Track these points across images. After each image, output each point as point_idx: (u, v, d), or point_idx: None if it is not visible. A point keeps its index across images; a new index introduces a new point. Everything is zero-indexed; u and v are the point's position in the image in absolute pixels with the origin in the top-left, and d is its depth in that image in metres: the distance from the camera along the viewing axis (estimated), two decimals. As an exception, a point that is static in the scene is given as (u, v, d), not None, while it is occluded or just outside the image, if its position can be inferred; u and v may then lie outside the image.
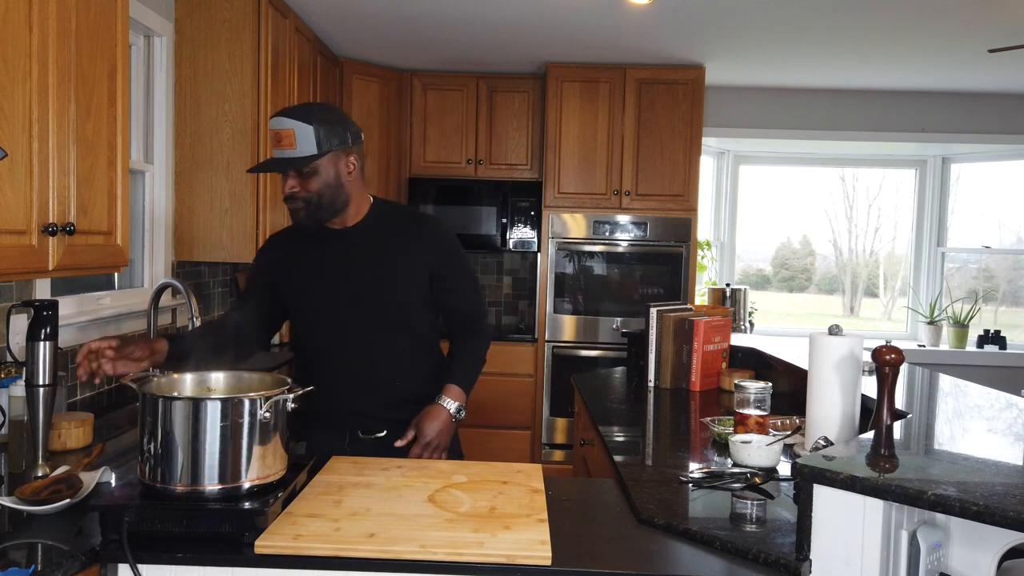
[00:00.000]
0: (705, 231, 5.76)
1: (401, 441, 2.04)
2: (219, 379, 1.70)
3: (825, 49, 4.44)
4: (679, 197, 4.90)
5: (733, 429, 2.16)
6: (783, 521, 1.57)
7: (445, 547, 1.37)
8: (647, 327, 3.14)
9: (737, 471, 1.86)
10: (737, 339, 3.32)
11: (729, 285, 5.21)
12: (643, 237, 4.92)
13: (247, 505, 1.43)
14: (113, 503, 1.42)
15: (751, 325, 5.36)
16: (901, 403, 1.98)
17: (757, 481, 1.79)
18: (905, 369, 2.48)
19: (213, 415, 1.45)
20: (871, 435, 1.68)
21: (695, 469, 1.91)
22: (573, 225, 4.93)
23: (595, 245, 4.94)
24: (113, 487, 1.60)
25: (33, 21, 1.69)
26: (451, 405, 2.08)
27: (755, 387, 2.14)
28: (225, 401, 1.48)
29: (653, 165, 4.89)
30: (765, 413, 2.14)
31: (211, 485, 1.44)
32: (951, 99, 5.44)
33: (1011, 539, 1.30)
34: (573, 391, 3.35)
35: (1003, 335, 5.65)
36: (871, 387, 1.87)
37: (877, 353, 1.78)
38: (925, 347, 5.72)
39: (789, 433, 2.08)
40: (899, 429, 1.73)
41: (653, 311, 3.14)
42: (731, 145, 5.84)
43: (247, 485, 1.47)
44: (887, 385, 1.78)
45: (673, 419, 2.71)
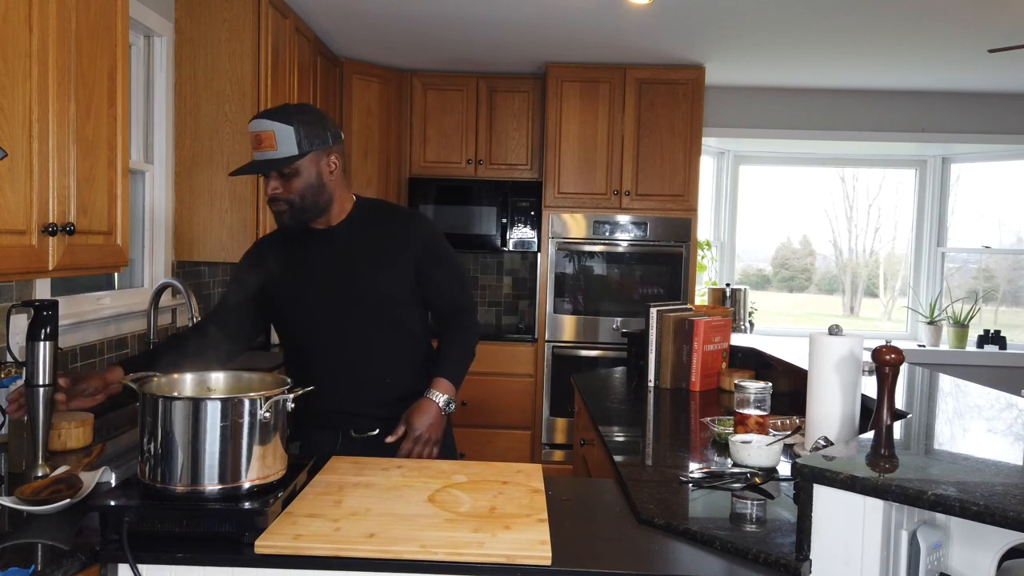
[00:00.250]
0: (705, 231, 5.76)
1: (392, 437, 2.02)
2: (219, 379, 1.70)
3: (825, 49, 4.44)
4: (679, 197, 4.90)
5: (733, 429, 2.16)
6: (783, 521, 1.57)
7: (445, 547, 1.37)
8: (647, 327, 3.14)
9: (737, 471, 1.86)
10: (737, 339, 3.32)
11: (729, 285, 5.21)
12: (643, 237, 4.92)
13: (247, 505, 1.43)
14: (113, 503, 1.42)
15: (751, 325, 5.36)
16: (901, 403, 1.98)
17: (757, 481, 1.79)
18: (905, 369, 2.48)
19: (213, 415, 1.45)
20: (871, 435, 1.68)
21: (695, 469, 1.91)
22: (573, 225, 4.93)
23: (595, 245, 4.94)
24: (113, 487, 1.60)
25: (33, 21, 1.69)
26: (440, 398, 2.06)
27: (755, 387, 2.14)
28: (225, 401, 1.48)
29: (653, 165, 4.89)
30: (765, 413, 2.14)
31: (211, 485, 1.44)
32: (951, 99, 5.44)
33: (1011, 539, 1.30)
34: (573, 391, 3.35)
35: (1003, 335, 5.65)
36: (871, 387, 1.87)
37: (877, 353, 1.78)
38: (925, 347, 5.72)
39: (789, 433, 2.08)
40: (899, 429, 1.73)
41: (653, 311, 3.14)
42: (731, 145, 5.84)
43: (247, 485, 1.47)
44: (887, 385, 1.78)
45: (673, 419, 2.71)
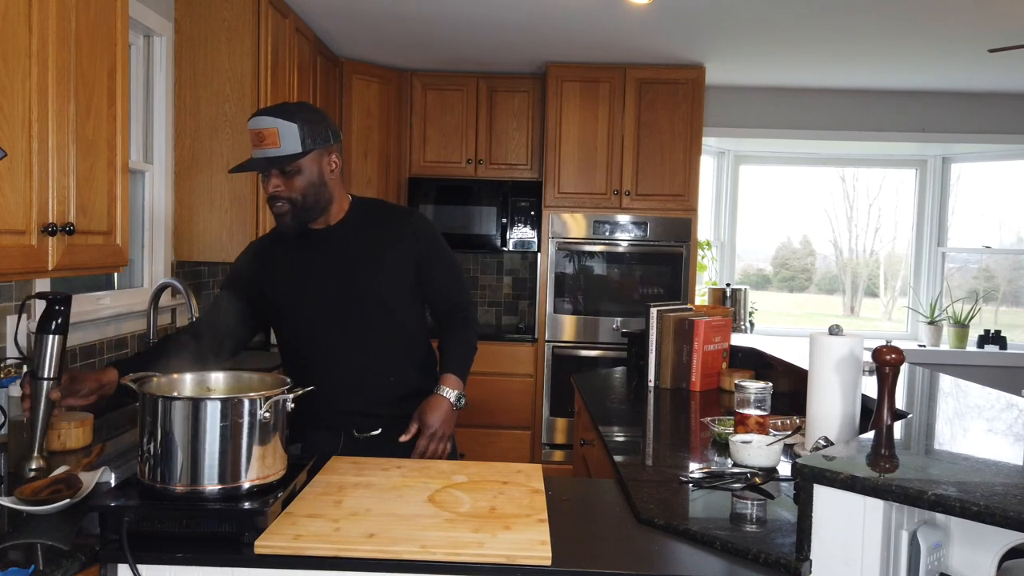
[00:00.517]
0: (705, 231, 5.76)
1: (405, 436, 2.02)
2: (219, 379, 1.70)
3: (825, 49, 4.44)
4: (679, 197, 4.90)
5: (733, 429, 2.16)
6: (783, 521, 1.57)
7: (445, 547, 1.37)
8: (647, 327, 3.14)
9: (737, 471, 1.86)
10: (737, 339, 3.32)
11: (729, 285, 5.21)
12: (643, 237, 4.92)
13: (247, 505, 1.43)
14: (113, 503, 1.42)
15: (751, 325, 5.36)
16: (901, 403, 1.98)
17: (757, 481, 1.79)
18: (905, 369, 2.48)
19: (213, 415, 1.45)
20: (871, 435, 1.68)
21: (695, 469, 1.91)
22: (573, 225, 4.93)
23: (595, 245, 4.94)
24: (113, 487, 1.60)
25: (33, 21, 1.69)
26: (451, 394, 2.06)
27: (755, 387, 2.14)
28: (225, 401, 1.48)
29: (653, 165, 4.89)
30: (765, 413, 2.14)
31: (211, 485, 1.44)
32: (951, 99, 5.44)
33: (1011, 539, 1.30)
34: (573, 391, 3.35)
35: (1003, 335, 5.65)
36: (871, 387, 1.87)
37: (877, 353, 1.78)
38: (925, 347, 5.72)
39: (789, 433, 2.08)
40: (899, 429, 1.73)
41: (653, 311, 3.14)
42: (731, 145, 5.84)
43: (247, 485, 1.47)
44: (887, 385, 1.78)
45: (673, 419, 2.70)
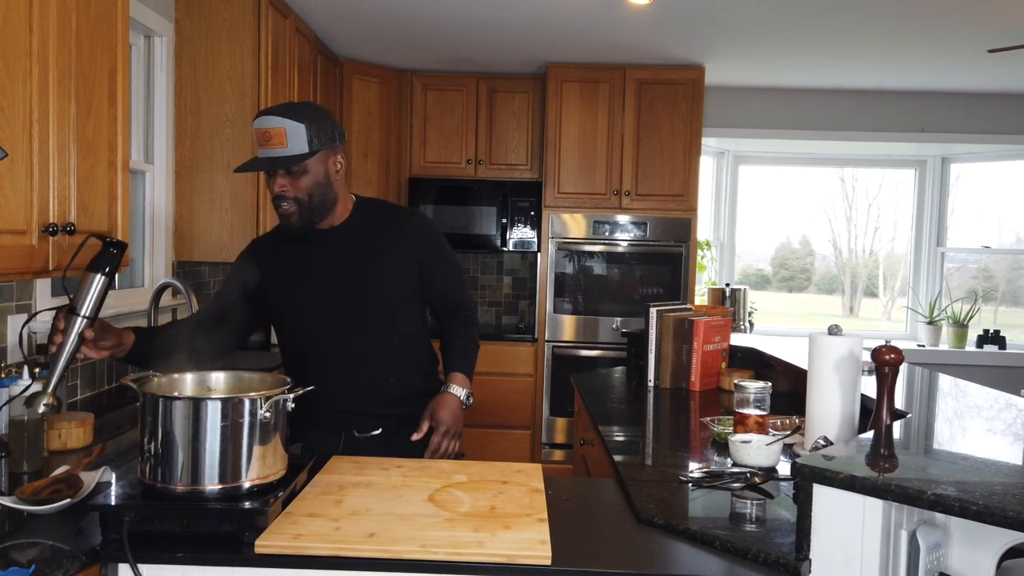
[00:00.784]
0: (705, 231, 5.76)
1: (417, 435, 2.02)
2: (219, 379, 1.70)
3: (825, 49, 4.44)
4: (679, 197, 4.90)
5: (733, 429, 2.17)
6: (783, 521, 1.57)
7: (445, 547, 1.37)
8: (647, 327, 3.14)
9: (737, 471, 1.86)
10: (737, 339, 3.32)
11: (729, 285, 5.21)
12: (643, 237, 4.92)
13: (247, 505, 1.44)
14: (113, 503, 1.42)
15: (751, 325, 5.36)
16: (901, 403, 1.98)
17: (757, 481, 1.79)
18: (905, 369, 2.48)
19: (213, 415, 1.45)
20: (871, 435, 1.68)
21: (695, 469, 1.91)
22: (573, 225, 4.93)
23: (595, 245, 4.94)
24: (113, 487, 1.60)
25: (33, 21, 1.69)
26: (460, 392, 2.10)
27: (755, 387, 2.15)
28: (225, 401, 1.48)
29: (653, 165, 4.89)
30: (765, 413, 2.14)
31: (211, 485, 1.44)
32: (951, 99, 5.44)
33: (1011, 539, 1.30)
34: (573, 391, 3.35)
35: (1003, 335, 5.65)
36: (871, 387, 1.87)
37: (877, 353, 1.78)
38: (925, 347, 5.72)
39: (789, 433, 2.08)
40: (899, 429, 1.73)
41: (653, 311, 3.14)
42: (731, 145, 5.84)
43: (247, 485, 1.47)
44: (887, 385, 1.78)
45: (673, 419, 2.71)
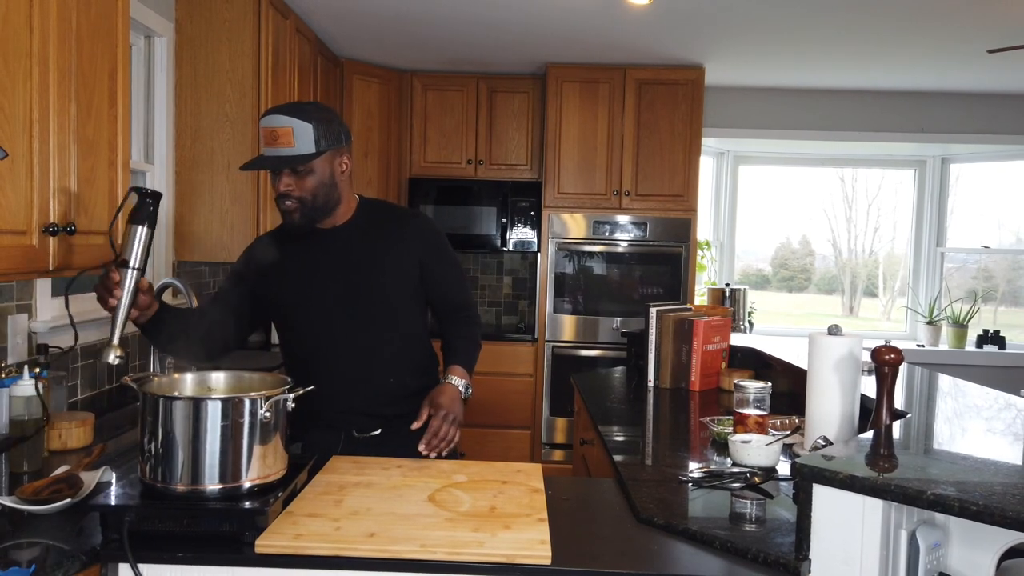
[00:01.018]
0: (705, 231, 5.76)
1: (417, 423, 2.01)
2: (219, 379, 1.70)
3: (825, 49, 4.44)
4: (679, 197, 4.90)
5: (733, 429, 2.17)
6: (782, 521, 1.57)
7: (445, 546, 1.37)
8: (647, 327, 3.14)
9: (737, 471, 1.87)
10: (736, 339, 3.33)
11: (728, 285, 5.21)
12: (643, 237, 4.92)
13: (247, 505, 1.44)
14: (114, 503, 1.42)
15: (750, 325, 5.36)
16: (900, 403, 1.98)
17: (756, 481, 1.79)
18: (904, 369, 2.48)
19: (213, 415, 1.45)
20: (870, 435, 1.68)
21: (695, 469, 1.91)
22: (573, 225, 4.93)
23: (595, 245, 4.94)
24: (113, 486, 1.60)
25: (34, 21, 1.69)
26: (459, 383, 2.09)
27: (754, 387, 2.15)
28: (226, 401, 1.48)
29: (653, 165, 4.90)
30: (764, 413, 2.14)
31: (212, 485, 1.45)
32: (950, 99, 5.44)
33: (1010, 539, 1.30)
34: (573, 391, 3.35)
35: (1002, 335, 5.66)
36: (870, 387, 1.87)
37: (876, 353, 1.78)
38: (924, 347, 5.72)
39: (788, 433, 2.08)
40: (898, 429, 1.73)
41: (653, 311, 3.14)
42: (731, 145, 5.85)
43: (247, 485, 1.47)
44: (886, 385, 1.78)
45: (673, 419, 2.71)
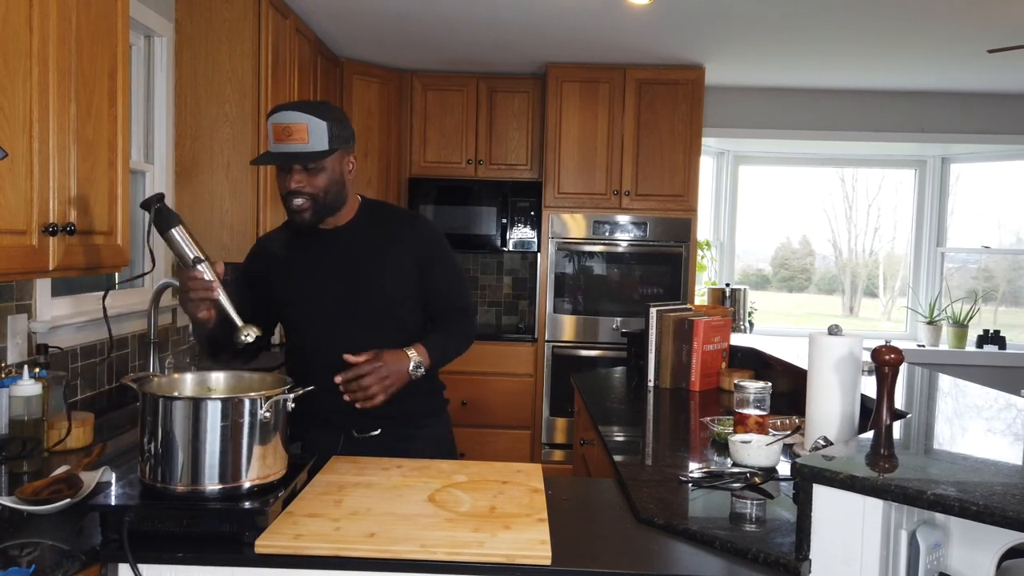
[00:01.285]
0: (705, 231, 5.76)
1: (355, 358, 1.91)
2: (219, 379, 1.70)
3: (825, 49, 4.44)
4: (679, 197, 4.90)
5: (733, 429, 2.17)
6: (783, 521, 1.57)
7: (445, 547, 1.37)
8: (647, 327, 3.14)
9: (737, 471, 1.86)
10: (737, 339, 3.32)
11: (729, 285, 5.21)
12: (643, 237, 4.92)
13: (247, 505, 1.44)
14: (113, 503, 1.42)
15: (751, 325, 5.36)
16: (900, 403, 1.98)
17: (757, 481, 1.79)
18: (904, 369, 2.48)
19: (213, 415, 1.45)
20: (871, 435, 1.68)
21: (695, 469, 1.91)
22: (573, 225, 4.93)
23: (595, 245, 4.94)
24: (113, 487, 1.60)
25: (34, 21, 1.69)
26: (413, 356, 1.98)
27: (755, 387, 2.15)
28: (225, 401, 1.48)
29: (653, 165, 4.89)
30: (765, 413, 2.14)
31: (211, 485, 1.45)
32: (950, 99, 5.44)
33: (1010, 539, 1.30)
34: (573, 391, 3.35)
35: (1002, 335, 5.65)
36: (871, 387, 1.87)
37: (876, 353, 1.78)
38: (924, 347, 5.72)
39: (789, 433, 2.08)
40: (899, 429, 1.73)
41: (653, 311, 3.14)
42: (731, 145, 5.84)
43: (247, 485, 1.47)
44: (886, 385, 1.78)
45: (673, 419, 2.71)
